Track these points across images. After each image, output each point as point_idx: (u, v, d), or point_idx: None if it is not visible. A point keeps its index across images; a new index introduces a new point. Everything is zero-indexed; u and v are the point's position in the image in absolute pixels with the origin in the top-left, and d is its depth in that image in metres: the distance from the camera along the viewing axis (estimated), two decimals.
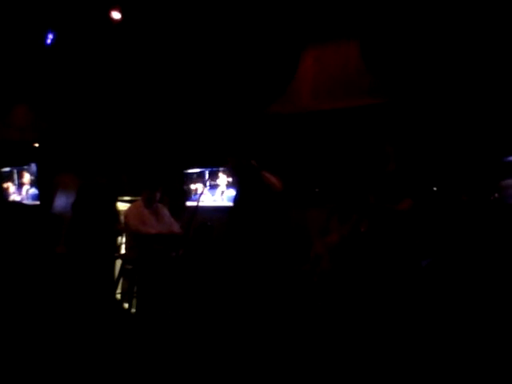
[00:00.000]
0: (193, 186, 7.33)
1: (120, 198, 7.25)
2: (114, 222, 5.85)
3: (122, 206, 6.94)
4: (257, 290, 4.79)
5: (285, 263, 5.18)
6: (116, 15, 6.47)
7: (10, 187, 8.86)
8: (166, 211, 6.45)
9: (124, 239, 6.34)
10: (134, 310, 6.06)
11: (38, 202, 8.40)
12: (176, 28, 6.55)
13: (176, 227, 6.31)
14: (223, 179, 7.12)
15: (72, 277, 5.41)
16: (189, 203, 7.14)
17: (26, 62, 7.47)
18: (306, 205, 6.12)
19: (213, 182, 7.14)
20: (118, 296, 6.39)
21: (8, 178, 8.89)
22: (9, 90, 8.15)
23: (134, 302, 6.13)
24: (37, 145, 8.34)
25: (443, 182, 5.37)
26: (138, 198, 6.52)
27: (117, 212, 6.03)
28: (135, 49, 6.95)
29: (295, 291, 4.98)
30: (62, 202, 6.52)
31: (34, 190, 8.62)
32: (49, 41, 6.77)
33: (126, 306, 6.04)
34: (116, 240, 6.15)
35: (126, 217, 6.30)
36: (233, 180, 6.01)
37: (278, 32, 6.20)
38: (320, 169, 6.14)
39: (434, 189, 5.55)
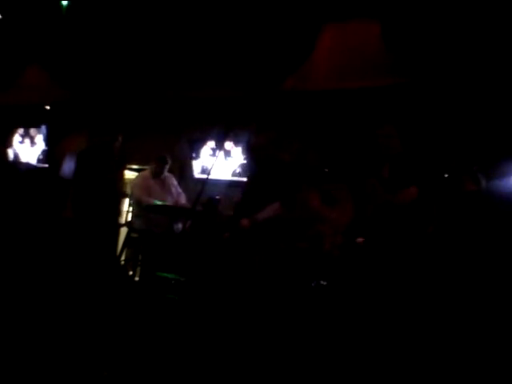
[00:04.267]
0: (204, 159, 7.42)
1: (128, 166, 7.38)
2: (116, 187, 5.95)
3: (131, 175, 7.09)
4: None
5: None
6: None
7: (21, 148, 8.99)
8: (174, 182, 6.60)
9: (130, 207, 6.47)
10: (137, 278, 6.25)
11: (46, 165, 8.52)
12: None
13: (183, 199, 6.45)
14: (235, 154, 7.21)
15: (77, 241, 5.53)
16: (199, 175, 7.26)
17: (39, 22, 7.51)
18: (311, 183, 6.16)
19: (224, 156, 7.23)
20: (123, 263, 6.58)
21: (19, 139, 9.00)
22: (22, 50, 8.22)
23: (138, 270, 6.33)
24: (48, 107, 8.43)
25: (454, 169, 5.38)
26: (147, 167, 6.66)
27: (118, 176, 6.13)
28: (151, 14, 6.96)
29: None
30: (70, 165, 6.65)
31: (44, 152, 8.74)
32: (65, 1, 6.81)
33: (130, 273, 6.22)
34: (119, 205, 6.26)
35: (132, 186, 6.45)
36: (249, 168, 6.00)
37: (296, 8, 6.18)
38: (332, 149, 6.18)
39: (446, 176, 5.57)
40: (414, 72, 5.75)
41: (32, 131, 8.88)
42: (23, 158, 8.94)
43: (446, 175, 5.52)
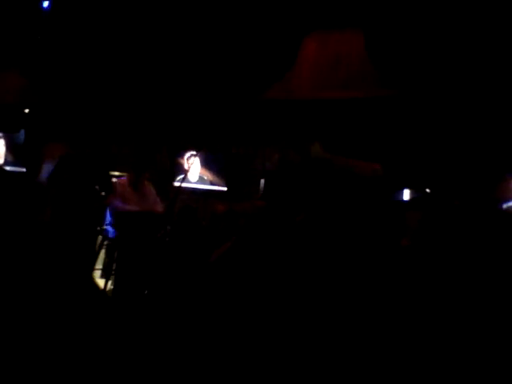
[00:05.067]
0: (182, 168, 7.33)
1: (111, 172, 7.27)
2: (95, 196, 5.83)
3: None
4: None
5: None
6: None
7: None
8: (151, 190, 6.49)
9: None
10: (111, 287, 6.10)
11: (23, 169, 8.38)
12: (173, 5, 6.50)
13: (159, 207, 6.34)
14: (209, 162, 7.13)
15: (52, 245, 5.40)
16: (177, 183, 7.15)
17: (19, 26, 7.40)
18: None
19: (199, 165, 7.15)
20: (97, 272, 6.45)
21: None
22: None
23: (112, 278, 6.18)
24: (27, 111, 8.30)
25: (436, 183, 5.34)
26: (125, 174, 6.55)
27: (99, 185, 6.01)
28: (130, 22, 6.88)
29: None
30: (48, 171, 6.53)
31: (20, 157, 8.60)
32: (45, 4, 6.70)
33: (103, 282, 6.06)
34: (97, 213, 6.14)
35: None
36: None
37: (279, 17, 6.15)
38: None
39: (427, 190, 5.52)
40: (397, 83, 5.71)
41: (8, 136, 8.73)
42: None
43: (428, 190, 5.50)
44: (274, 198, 4.96)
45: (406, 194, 5.39)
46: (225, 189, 6.79)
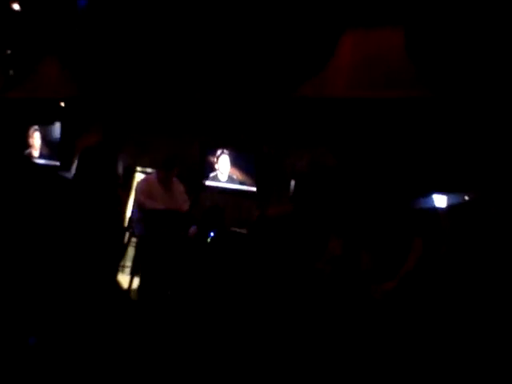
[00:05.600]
0: (211, 166, 7.21)
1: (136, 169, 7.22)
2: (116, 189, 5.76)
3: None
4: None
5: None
6: None
7: (34, 145, 8.90)
8: (180, 188, 6.41)
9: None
10: (136, 285, 6.05)
11: (57, 163, 8.42)
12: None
13: (187, 205, 6.24)
14: (239, 161, 6.97)
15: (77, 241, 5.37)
16: (208, 182, 7.04)
17: (56, 15, 7.40)
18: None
19: (229, 164, 7.02)
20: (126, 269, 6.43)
21: (32, 135, 8.92)
22: (38, 43, 8.14)
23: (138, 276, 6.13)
24: (63, 104, 8.33)
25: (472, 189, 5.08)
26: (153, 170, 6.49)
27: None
28: (168, 17, 6.79)
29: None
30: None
31: (55, 150, 8.64)
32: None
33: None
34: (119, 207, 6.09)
35: (135, 190, 6.28)
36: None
37: (317, 13, 5.93)
38: (344, 161, 5.91)
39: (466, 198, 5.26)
40: (437, 84, 5.43)
41: (45, 129, 8.78)
42: (35, 155, 8.85)
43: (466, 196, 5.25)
44: (303, 202, 4.82)
45: (440, 200, 5.14)
46: (254, 189, 6.63)
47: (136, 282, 5.92)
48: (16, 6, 7.24)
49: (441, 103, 5.42)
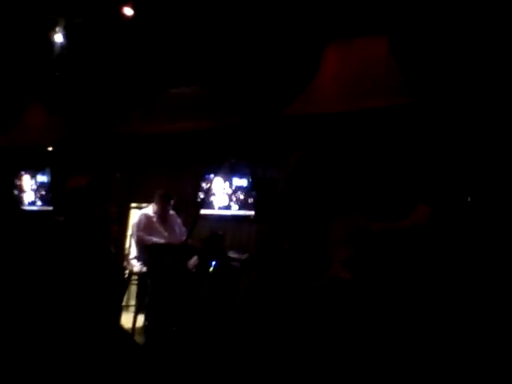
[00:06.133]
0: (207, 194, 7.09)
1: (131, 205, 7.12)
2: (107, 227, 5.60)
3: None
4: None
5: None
6: (128, 11, 6.27)
7: (24, 192, 8.81)
8: (178, 220, 6.33)
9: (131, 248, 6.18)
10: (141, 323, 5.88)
11: (50, 208, 8.31)
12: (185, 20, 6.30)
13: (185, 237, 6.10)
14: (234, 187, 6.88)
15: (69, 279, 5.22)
16: (204, 211, 6.91)
17: (38, 60, 7.36)
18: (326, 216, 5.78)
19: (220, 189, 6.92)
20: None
21: (22, 182, 8.83)
22: (21, 89, 8.09)
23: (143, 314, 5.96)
24: (50, 149, 8.26)
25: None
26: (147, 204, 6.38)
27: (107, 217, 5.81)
28: (147, 48, 6.74)
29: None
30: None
31: (48, 195, 8.55)
32: (59, 39, 6.64)
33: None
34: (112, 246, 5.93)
35: (133, 225, 6.17)
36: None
37: (298, 26, 5.88)
38: (339, 176, 5.80)
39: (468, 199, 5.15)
40: (425, 89, 5.36)
41: (34, 175, 8.70)
42: (26, 201, 8.75)
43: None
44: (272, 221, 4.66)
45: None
46: (252, 213, 6.51)
47: (140, 320, 5.75)
48: None
49: (429, 110, 5.36)
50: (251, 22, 6.06)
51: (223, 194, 6.93)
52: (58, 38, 6.73)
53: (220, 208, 6.95)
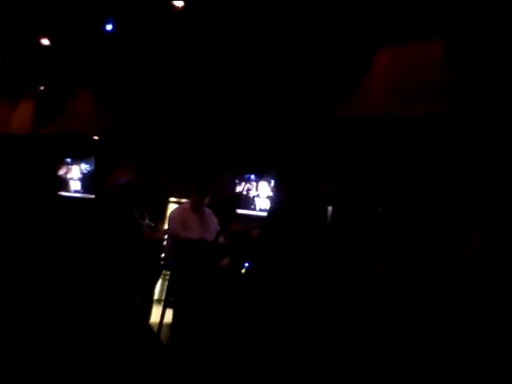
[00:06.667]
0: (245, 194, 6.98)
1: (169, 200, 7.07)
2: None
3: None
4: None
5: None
6: (178, 3, 6.22)
7: (68, 179, 8.91)
8: (214, 219, 6.19)
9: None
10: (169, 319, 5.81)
11: (92, 196, 8.37)
12: (242, 19, 6.19)
13: (221, 237, 5.97)
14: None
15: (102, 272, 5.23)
16: (240, 211, 6.79)
17: (88, 48, 7.39)
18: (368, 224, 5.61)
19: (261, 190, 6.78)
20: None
21: (66, 169, 8.94)
22: (70, 76, 8.17)
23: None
24: (96, 138, 8.30)
25: None
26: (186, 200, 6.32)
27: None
28: (197, 41, 6.68)
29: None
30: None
31: (90, 184, 8.62)
32: (109, 27, 6.64)
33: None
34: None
35: (169, 219, 6.10)
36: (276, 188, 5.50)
37: (350, 29, 5.70)
38: (386, 183, 5.60)
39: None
40: (479, 100, 5.09)
41: (79, 163, 8.79)
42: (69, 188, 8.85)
43: None
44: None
45: None
46: None
47: (168, 315, 5.68)
48: (45, 41, 7.27)
49: (483, 118, 5.09)
50: (304, 23, 5.95)
51: (264, 196, 6.81)
52: (109, 26, 6.75)
53: (261, 210, 6.85)
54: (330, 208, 6.03)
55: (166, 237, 6.16)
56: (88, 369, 3.98)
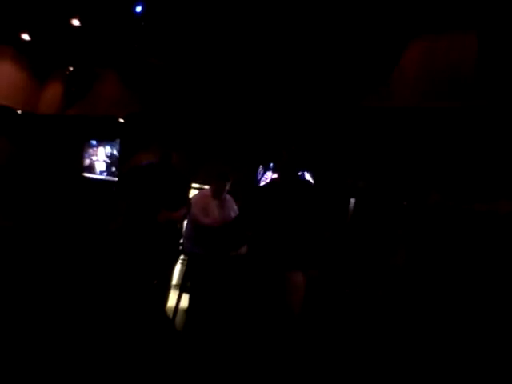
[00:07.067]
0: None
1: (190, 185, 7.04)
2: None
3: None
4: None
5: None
6: None
7: (94, 161, 8.95)
8: (233, 205, 6.16)
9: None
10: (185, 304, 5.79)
11: (115, 179, 8.39)
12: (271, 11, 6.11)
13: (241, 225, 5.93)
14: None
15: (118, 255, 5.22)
16: None
17: (117, 30, 7.37)
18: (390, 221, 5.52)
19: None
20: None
21: (92, 151, 8.97)
22: (98, 57, 8.17)
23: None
24: (122, 120, 8.30)
25: None
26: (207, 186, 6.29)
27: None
28: (227, 30, 6.61)
29: None
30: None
31: (115, 166, 8.64)
32: (138, 9, 6.60)
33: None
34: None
35: (189, 203, 6.07)
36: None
37: (382, 18, 5.55)
38: (414, 176, 5.48)
39: None
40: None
41: (104, 145, 8.81)
42: (94, 170, 8.88)
43: None
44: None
45: None
46: None
47: (184, 300, 5.67)
48: (76, 22, 7.27)
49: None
50: (337, 11, 5.83)
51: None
52: (138, 8, 6.71)
53: None
54: (352, 200, 5.98)
55: (185, 222, 6.15)
56: (102, 353, 4.01)
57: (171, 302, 5.81)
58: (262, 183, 6.80)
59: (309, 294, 4.17)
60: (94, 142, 8.88)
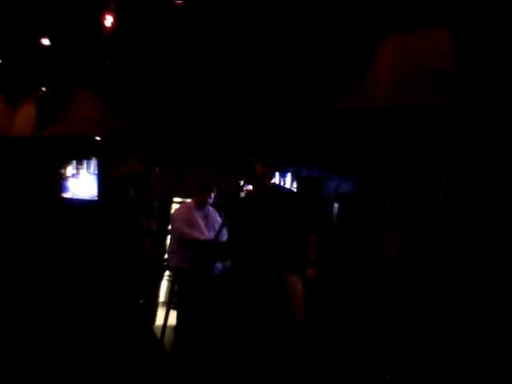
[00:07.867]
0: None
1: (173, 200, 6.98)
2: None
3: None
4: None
5: None
6: None
7: (70, 180, 8.84)
8: (218, 218, 6.11)
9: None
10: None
11: (95, 198, 8.27)
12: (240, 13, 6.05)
13: (224, 237, 5.85)
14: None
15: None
16: None
17: (88, 46, 7.27)
18: (375, 222, 5.47)
19: None
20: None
21: (69, 170, 8.86)
22: (70, 75, 8.07)
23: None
24: (98, 138, 8.21)
25: None
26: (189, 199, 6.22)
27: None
28: (197, 39, 6.55)
29: None
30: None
31: (94, 185, 8.53)
32: (108, 24, 6.50)
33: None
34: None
35: (172, 217, 6.01)
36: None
37: (351, 18, 5.52)
38: (394, 177, 5.44)
39: None
40: (490, 85, 4.91)
41: (81, 164, 8.70)
42: (73, 191, 8.76)
43: None
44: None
45: None
46: None
47: (172, 317, 5.57)
48: (46, 41, 7.16)
49: (490, 111, 4.92)
50: (306, 11, 5.77)
51: None
52: (108, 21, 6.60)
53: None
54: (336, 205, 5.93)
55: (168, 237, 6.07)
56: (89, 374, 3.90)
57: (159, 320, 5.73)
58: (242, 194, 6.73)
59: (309, 294, 4.15)
60: (71, 162, 8.76)
